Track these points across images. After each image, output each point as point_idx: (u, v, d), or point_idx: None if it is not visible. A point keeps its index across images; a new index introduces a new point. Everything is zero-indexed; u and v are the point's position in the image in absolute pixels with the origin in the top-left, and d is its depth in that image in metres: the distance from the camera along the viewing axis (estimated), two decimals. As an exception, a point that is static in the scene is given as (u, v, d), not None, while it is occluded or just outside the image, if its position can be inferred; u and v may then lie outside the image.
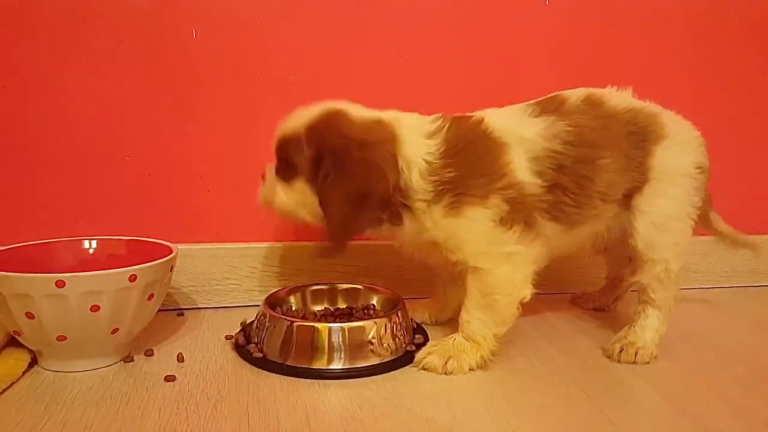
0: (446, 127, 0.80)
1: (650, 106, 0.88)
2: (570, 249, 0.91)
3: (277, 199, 0.83)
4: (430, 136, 0.79)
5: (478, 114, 0.83)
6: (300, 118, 0.81)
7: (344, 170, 0.76)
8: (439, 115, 0.83)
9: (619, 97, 0.87)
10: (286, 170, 0.82)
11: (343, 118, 0.79)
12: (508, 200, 0.77)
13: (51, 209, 0.99)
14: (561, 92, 0.87)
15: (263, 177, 0.87)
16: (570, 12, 1.12)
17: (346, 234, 0.80)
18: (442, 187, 0.78)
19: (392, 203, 0.79)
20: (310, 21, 1.03)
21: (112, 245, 0.92)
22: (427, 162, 0.78)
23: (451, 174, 0.77)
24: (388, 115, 0.81)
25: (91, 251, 0.91)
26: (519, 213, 0.78)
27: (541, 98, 0.86)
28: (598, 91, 0.87)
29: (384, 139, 0.78)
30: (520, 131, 0.80)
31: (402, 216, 0.80)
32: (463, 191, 0.77)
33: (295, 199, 0.82)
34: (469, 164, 0.78)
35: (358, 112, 0.81)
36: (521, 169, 0.79)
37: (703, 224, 0.96)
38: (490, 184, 0.77)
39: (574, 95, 0.86)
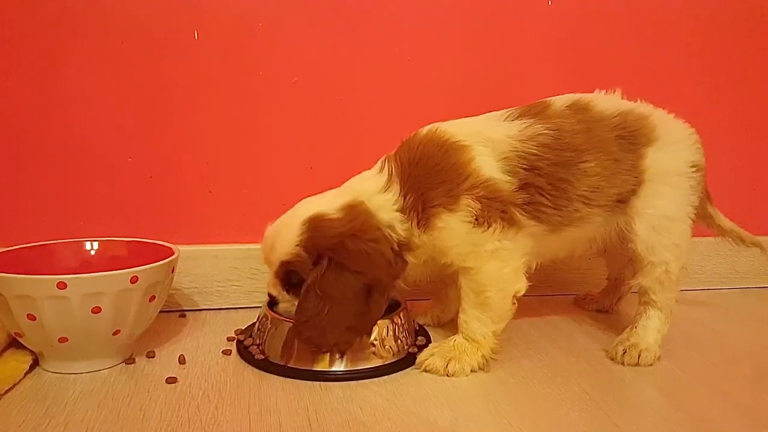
0: (391, 165, 0.82)
1: (640, 108, 0.88)
2: (559, 253, 0.91)
3: None
4: (386, 187, 0.81)
5: (428, 127, 0.84)
6: (286, 238, 0.80)
7: (345, 266, 0.76)
8: (383, 157, 0.84)
9: (607, 101, 0.87)
10: (298, 286, 0.80)
11: (324, 218, 0.79)
12: (478, 198, 0.78)
13: (52, 211, 0.99)
14: (548, 98, 0.87)
15: (273, 300, 0.85)
16: (573, 12, 1.12)
17: (363, 329, 0.79)
18: (411, 212, 0.80)
19: (396, 272, 0.80)
20: (311, 23, 1.03)
21: (114, 247, 0.92)
22: (397, 210, 0.80)
23: (412, 197, 0.79)
24: (351, 195, 0.82)
25: (92, 253, 0.91)
26: (494, 210, 0.78)
27: (528, 104, 0.86)
28: (585, 97, 0.87)
29: (365, 220, 0.79)
30: (486, 133, 0.81)
31: (406, 261, 0.81)
32: (425, 206, 0.79)
33: None
34: (424, 179, 0.80)
35: (329, 207, 0.80)
36: (488, 167, 0.79)
37: (704, 222, 0.96)
38: (454, 188, 0.78)
39: (560, 100, 0.86)
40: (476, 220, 0.78)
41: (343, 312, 0.77)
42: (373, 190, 0.82)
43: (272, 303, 0.86)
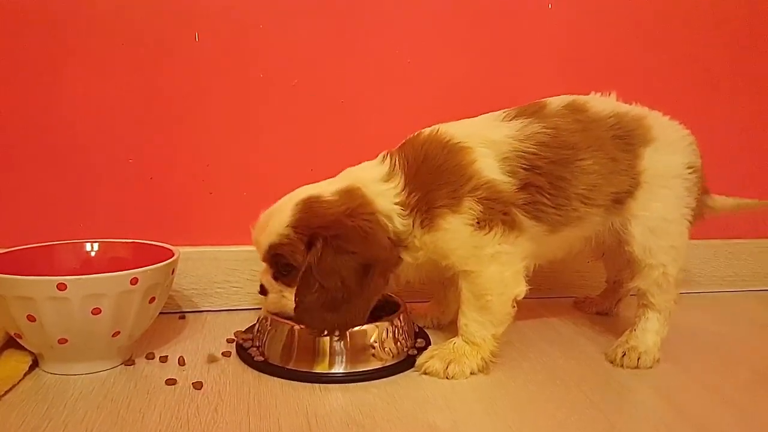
0: (395, 159, 0.82)
1: (635, 110, 0.88)
2: (557, 253, 0.91)
3: (290, 305, 0.81)
4: (387, 178, 0.81)
5: (430, 128, 0.84)
6: (277, 219, 0.80)
7: (342, 245, 0.76)
8: (385, 152, 0.84)
9: (602, 103, 0.88)
10: (287, 275, 0.81)
11: (318, 201, 0.80)
12: (480, 201, 0.78)
13: (53, 212, 0.99)
14: (544, 99, 0.87)
15: (263, 289, 0.85)
16: (573, 15, 1.12)
17: (362, 309, 0.80)
18: (414, 211, 0.80)
19: (393, 258, 0.81)
20: (311, 24, 1.03)
21: (114, 248, 0.92)
22: (397, 203, 0.80)
23: (416, 196, 0.80)
24: (348, 180, 0.82)
25: (92, 254, 0.91)
26: (495, 213, 0.78)
27: (524, 105, 0.87)
28: (581, 98, 0.88)
29: (362, 203, 0.79)
30: (486, 134, 0.82)
31: (400, 256, 0.82)
32: (430, 206, 0.79)
33: None
34: (428, 179, 0.80)
35: (324, 190, 0.81)
36: (489, 168, 0.79)
37: (710, 214, 0.95)
38: (458, 189, 0.78)
39: (556, 101, 0.87)
40: (478, 223, 0.78)
41: (342, 293, 0.77)
42: (374, 178, 0.82)
43: (263, 292, 0.86)
